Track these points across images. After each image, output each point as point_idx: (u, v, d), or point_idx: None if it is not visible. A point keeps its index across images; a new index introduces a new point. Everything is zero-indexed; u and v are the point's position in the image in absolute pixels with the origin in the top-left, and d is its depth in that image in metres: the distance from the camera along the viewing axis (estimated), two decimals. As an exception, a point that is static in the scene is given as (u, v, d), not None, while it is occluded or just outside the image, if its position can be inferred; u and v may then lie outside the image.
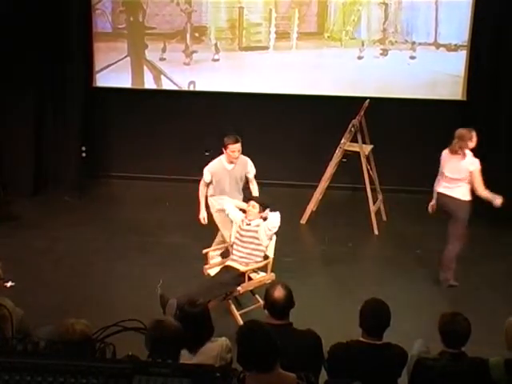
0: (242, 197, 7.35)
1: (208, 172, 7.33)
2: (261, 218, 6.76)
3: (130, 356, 2.48)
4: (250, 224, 6.74)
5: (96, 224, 8.57)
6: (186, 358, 4.02)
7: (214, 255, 7.26)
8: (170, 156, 9.85)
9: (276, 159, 9.63)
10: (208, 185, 7.37)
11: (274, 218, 6.69)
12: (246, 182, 7.46)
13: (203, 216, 7.37)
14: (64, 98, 9.53)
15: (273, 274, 6.65)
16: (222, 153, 7.30)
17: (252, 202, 6.82)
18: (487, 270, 7.56)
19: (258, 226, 6.69)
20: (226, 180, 7.31)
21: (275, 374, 3.81)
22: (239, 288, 6.44)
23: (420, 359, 4.34)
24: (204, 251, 6.95)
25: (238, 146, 7.19)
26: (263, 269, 6.71)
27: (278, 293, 4.49)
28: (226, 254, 7.18)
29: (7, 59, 9.08)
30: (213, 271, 6.83)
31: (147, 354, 3.68)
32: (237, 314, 6.50)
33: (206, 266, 6.87)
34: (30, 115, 9.51)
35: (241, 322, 6.41)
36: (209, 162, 7.53)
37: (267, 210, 6.80)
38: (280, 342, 3.81)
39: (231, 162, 7.26)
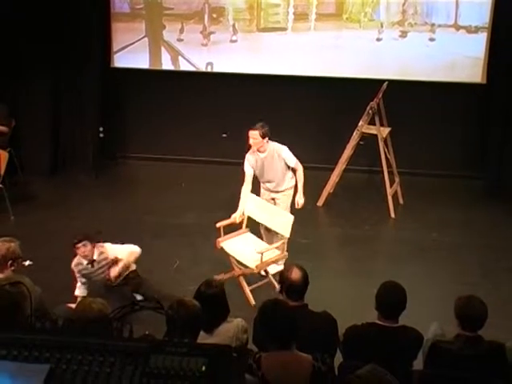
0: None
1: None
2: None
3: (147, 335, 2.49)
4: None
5: (112, 204, 8.61)
6: (202, 338, 4.04)
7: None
8: (186, 137, 9.85)
9: (293, 141, 9.54)
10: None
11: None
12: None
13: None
14: (82, 78, 9.54)
15: (286, 253, 6.62)
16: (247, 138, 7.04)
17: (251, 133, 6.82)
18: (505, 254, 7.51)
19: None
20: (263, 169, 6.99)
21: (292, 354, 3.84)
22: (254, 267, 6.41)
23: (435, 342, 4.34)
24: (218, 224, 6.89)
25: (251, 133, 6.93)
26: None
27: (296, 274, 4.51)
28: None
29: (25, 40, 9.10)
30: (226, 244, 6.80)
31: (164, 333, 3.71)
32: (248, 291, 6.53)
33: (220, 239, 6.83)
34: (47, 96, 9.53)
35: (252, 300, 6.44)
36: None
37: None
38: (296, 324, 3.85)
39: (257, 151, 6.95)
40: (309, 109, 9.55)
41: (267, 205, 6.96)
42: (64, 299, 5.79)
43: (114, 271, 6.21)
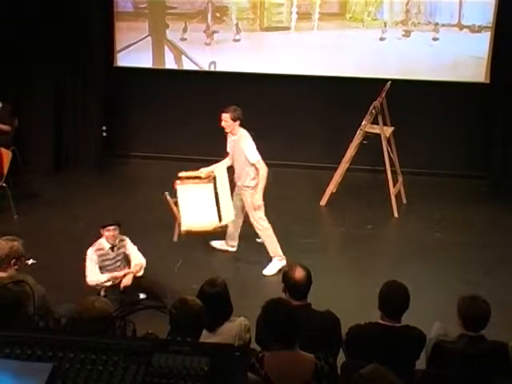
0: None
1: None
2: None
3: (150, 334, 2.50)
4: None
5: (115, 203, 8.60)
6: (204, 337, 4.04)
7: None
8: (189, 136, 9.85)
9: (296, 140, 9.61)
10: None
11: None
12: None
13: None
14: (85, 77, 9.55)
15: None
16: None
17: (223, 115, 6.93)
18: (508, 253, 7.51)
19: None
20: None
21: (295, 353, 3.84)
22: (183, 228, 6.87)
23: (438, 342, 4.34)
24: (180, 174, 7.09)
25: (223, 115, 7.21)
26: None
27: (299, 274, 4.50)
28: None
29: (28, 39, 9.11)
30: (181, 189, 6.93)
31: (167, 332, 3.72)
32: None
33: (178, 181, 6.94)
34: (51, 94, 9.54)
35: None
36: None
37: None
38: (300, 323, 3.85)
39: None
40: (312, 108, 9.54)
41: (227, 186, 7.15)
42: (67, 298, 5.79)
43: (128, 280, 6.34)
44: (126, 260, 6.51)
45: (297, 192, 8.95)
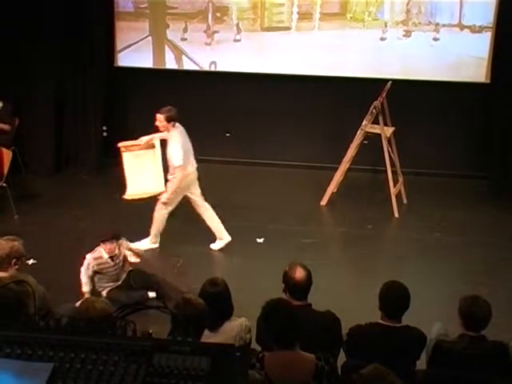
0: None
1: None
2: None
3: (151, 334, 2.50)
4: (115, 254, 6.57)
5: (115, 203, 8.59)
6: (205, 336, 4.04)
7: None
8: (190, 136, 9.83)
9: (297, 140, 9.61)
10: None
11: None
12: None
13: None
14: (85, 77, 9.54)
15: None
16: None
17: (157, 115, 7.05)
18: (509, 253, 7.51)
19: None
20: None
21: (295, 353, 3.84)
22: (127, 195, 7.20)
23: (439, 342, 4.34)
24: (119, 144, 7.41)
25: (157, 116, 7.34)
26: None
27: (299, 274, 4.50)
28: None
29: (29, 39, 9.10)
30: (128, 155, 7.24)
31: (168, 332, 3.71)
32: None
33: (123, 149, 7.25)
34: (51, 95, 9.53)
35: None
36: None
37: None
38: (300, 323, 3.85)
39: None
40: (312, 108, 9.54)
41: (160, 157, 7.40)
42: (67, 298, 5.80)
43: (135, 258, 6.48)
44: (126, 260, 6.58)
45: (297, 192, 8.95)
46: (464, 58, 9.15)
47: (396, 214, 8.42)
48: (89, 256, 6.40)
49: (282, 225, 7.99)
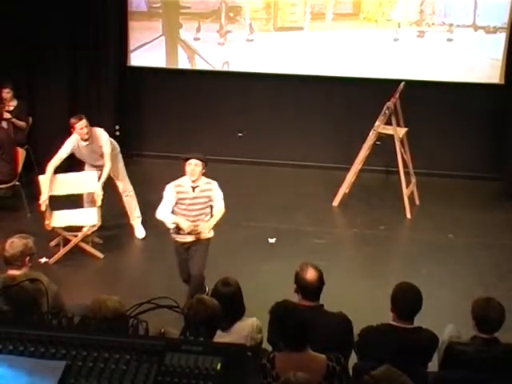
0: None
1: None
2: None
3: (163, 333, 2.50)
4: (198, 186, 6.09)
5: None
6: (217, 336, 4.05)
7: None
8: (202, 136, 9.86)
9: (309, 141, 9.60)
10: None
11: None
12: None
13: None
14: (98, 77, 9.57)
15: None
16: None
17: (194, 161, 6.09)
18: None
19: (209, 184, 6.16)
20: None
21: (306, 354, 3.84)
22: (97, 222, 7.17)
23: (451, 344, 4.32)
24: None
25: (83, 122, 7.40)
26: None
27: (311, 274, 4.49)
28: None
29: (42, 38, 9.15)
30: (55, 219, 7.22)
31: (180, 332, 3.72)
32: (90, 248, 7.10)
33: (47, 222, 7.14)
34: (64, 94, 9.57)
35: (98, 254, 7.02)
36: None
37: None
38: (312, 324, 3.84)
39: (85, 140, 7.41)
40: (325, 108, 9.53)
41: (70, 176, 7.50)
42: (80, 296, 5.82)
43: (203, 228, 6.02)
44: (211, 207, 6.15)
45: (310, 192, 8.94)
46: (478, 58, 9.11)
47: (408, 215, 8.39)
48: (169, 185, 6.07)
49: (294, 225, 7.99)
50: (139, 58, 9.83)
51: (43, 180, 7.25)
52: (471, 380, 4.05)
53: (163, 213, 6.03)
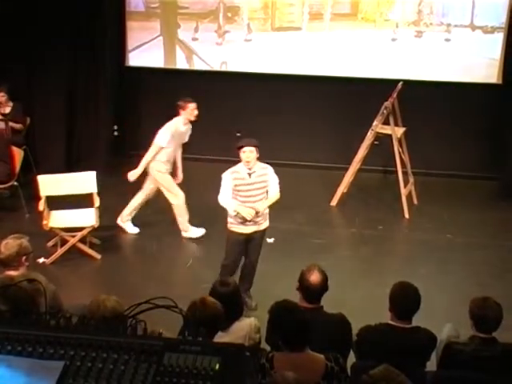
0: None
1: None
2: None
3: (161, 333, 2.50)
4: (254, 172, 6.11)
5: (126, 202, 8.61)
6: (215, 336, 4.05)
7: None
8: (200, 136, 9.81)
9: (308, 141, 9.60)
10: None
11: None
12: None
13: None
14: (96, 77, 9.57)
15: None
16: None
17: (248, 148, 6.05)
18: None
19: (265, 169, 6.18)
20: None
21: (304, 354, 3.84)
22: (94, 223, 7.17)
23: (449, 343, 4.33)
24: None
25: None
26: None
27: (315, 277, 4.49)
28: None
29: (41, 39, 9.14)
30: (53, 220, 7.22)
31: (178, 332, 3.72)
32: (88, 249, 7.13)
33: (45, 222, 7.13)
34: (62, 94, 9.56)
35: (96, 255, 7.05)
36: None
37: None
38: (311, 325, 3.84)
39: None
40: (323, 108, 9.54)
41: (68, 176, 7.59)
42: (78, 296, 5.82)
43: (259, 207, 6.06)
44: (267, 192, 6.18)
45: (308, 192, 8.95)
46: (476, 58, 9.12)
47: (406, 215, 8.39)
48: (225, 173, 6.11)
49: (292, 225, 7.99)
50: (137, 58, 9.83)
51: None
52: (469, 379, 4.05)
53: (225, 199, 6.10)
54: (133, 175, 7.59)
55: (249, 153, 6.01)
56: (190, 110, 7.63)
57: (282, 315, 3.92)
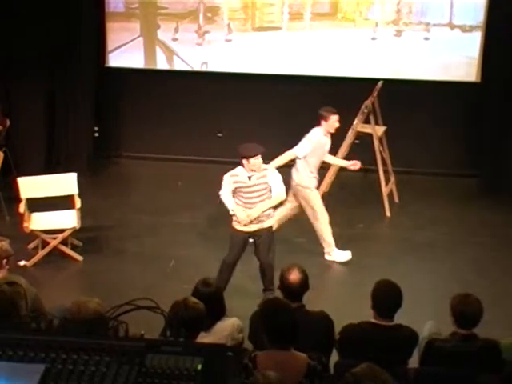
0: None
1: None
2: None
3: (143, 334, 2.50)
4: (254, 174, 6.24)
5: (107, 204, 8.60)
6: (198, 337, 4.04)
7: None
8: (182, 136, 9.85)
9: (288, 140, 9.58)
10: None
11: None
12: None
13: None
14: (76, 78, 9.51)
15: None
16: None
17: (259, 155, 6.22)
18: (499, 252, 7.54)
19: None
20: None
21: (288, 353, 3.85)
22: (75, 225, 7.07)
23: (431, 340, 4.36)
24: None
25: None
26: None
27: (294, 276, 4.51)
28: None
29: (19, 40, 9.07)
30: (34, 223, 7.13)
31: (160, 333, 3.71)
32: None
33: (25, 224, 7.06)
34: (42, 95, 9.49)
35: (77, 256, 7.00)
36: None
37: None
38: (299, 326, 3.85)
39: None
40: (304, 108, 9.52)
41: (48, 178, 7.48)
42: (59, 298, 5.78)
43: (255, 212, 6.12)
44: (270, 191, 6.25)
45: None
46: (454, 57, 9.18)
47: (388, 214, 8.43)
48: (226, 175, 6.19)
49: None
50: (117, 59, 9.79)
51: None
52: (451, 375, 4.08)
53: (226, 195, 6.20)
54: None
55: (257, 160, 6.12)
56: (332, 122, 7.18)
57: (275, 313, 3.93)
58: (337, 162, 7.79)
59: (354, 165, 7.47)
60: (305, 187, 7.30)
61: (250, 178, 6.15)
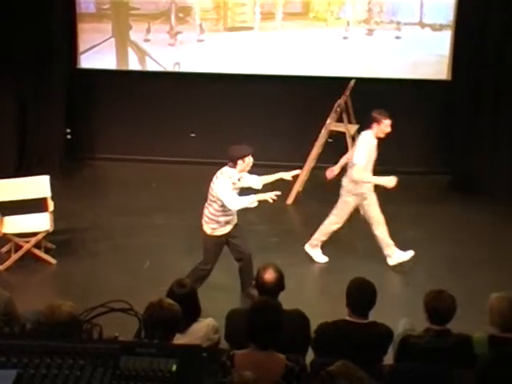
0: None
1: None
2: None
3: (117, 337, 2.49)
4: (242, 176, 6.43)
5: (80, 206, 8.54)
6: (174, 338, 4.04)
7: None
8: (155, 137, 9.81)
9: (262, 140, 9.59)
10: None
11: None
12: None
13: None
14: (48, 79, 9.43)
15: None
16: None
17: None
18: (471, 248, 7.62)
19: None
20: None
21: (267, 353, 3.85)
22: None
23: (405, 337, 4.39)
24: None
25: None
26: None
27: (269, 275, 4.52)
28: None
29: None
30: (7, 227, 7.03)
31: (134, 334, 3.70)
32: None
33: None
34: (11, 98, 9.40)
35: (51, 259, 6.99)
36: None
37: None
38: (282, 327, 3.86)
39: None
40: (277, 107, 9.57)
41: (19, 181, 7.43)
42: (33, 302, 5.73)
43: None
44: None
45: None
46: (425, 55, 9.27)
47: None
48: (222, 180, 6.16)
49: (247, 224, 7.97)
50: (89, 60, 9.72)
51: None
52: (425, 371, 4.11)
53: (238, 200, 6.21)
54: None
55: (251, 158, 6.23)
56: (384, 126, 7.08)
57: (263, 313, 3.92)
58: (375, 180, 7.47)
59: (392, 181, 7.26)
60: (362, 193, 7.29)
61: (239, 179, 6.26)
